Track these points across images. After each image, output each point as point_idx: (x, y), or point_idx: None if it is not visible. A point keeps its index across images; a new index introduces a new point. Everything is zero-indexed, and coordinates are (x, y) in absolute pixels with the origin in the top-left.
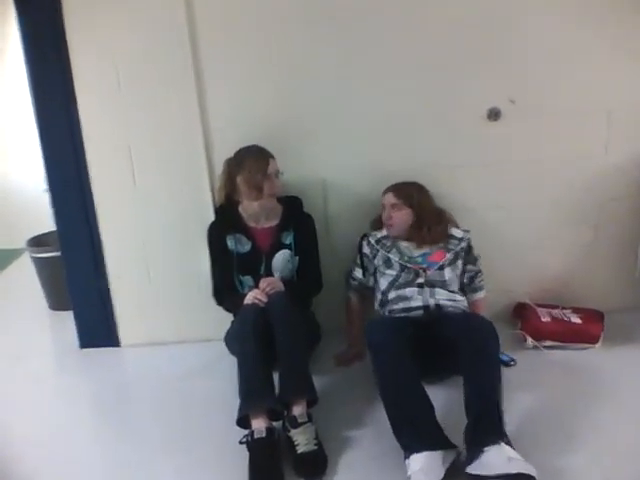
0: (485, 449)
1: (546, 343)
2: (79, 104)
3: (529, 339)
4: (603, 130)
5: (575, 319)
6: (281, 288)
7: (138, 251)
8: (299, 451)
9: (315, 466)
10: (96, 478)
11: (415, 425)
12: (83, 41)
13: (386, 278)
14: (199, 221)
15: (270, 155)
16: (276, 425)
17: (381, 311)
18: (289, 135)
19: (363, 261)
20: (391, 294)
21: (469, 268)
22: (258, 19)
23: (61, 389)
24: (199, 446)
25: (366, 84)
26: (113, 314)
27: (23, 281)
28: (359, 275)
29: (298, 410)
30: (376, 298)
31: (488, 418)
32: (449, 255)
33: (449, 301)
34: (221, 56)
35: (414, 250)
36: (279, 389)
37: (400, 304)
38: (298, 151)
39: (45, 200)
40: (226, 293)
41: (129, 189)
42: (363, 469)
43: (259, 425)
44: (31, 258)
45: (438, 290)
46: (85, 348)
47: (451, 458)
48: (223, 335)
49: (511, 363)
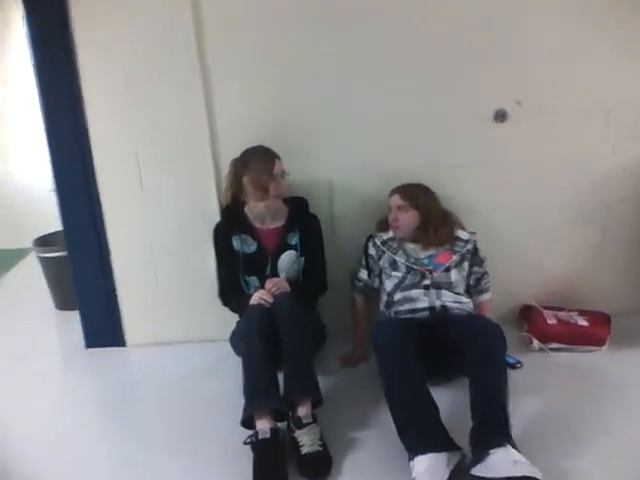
0: (491, 451)
1: (552, 345)
2: (86, 105)
3: (535, 341)
4: (611, 131)
5: (582, 322)
6: (287, 289)
7: (145, 251)
8: (303, 452)
9: (319, 467)
10: (102, 477)
11: (420, 427)
12: (90, 42)
13: (392, 280)
14: (205, 222)
15: (276, 155)
16: (281, 426)
17: (386, 312)
18: (295, 136)
19: (369, 262)
20: (397, 295)
21: (475, 270)
22: (264, 20)
23: (67, 389)
24: (204, 446)
25: (372, 84)
26: (119, 314)
27: (29, 281)
28: (364, 276)
29: (303, 411)
30: (381, 299)
31: (494, 420)
32: (455, 257)
33: (455, 303)
34: (227, 57)
35: (420, 252)
36: (284, 390)
37: (406, 305)
38: (304, 152)
39: (52, 200)
40: (232, 294)
41: (136, 189)
42: (368, 470)
43: (263, 426)
44: (38, 258)
45: (444, 292)
46: (91, 348)
47: (456, 460)
48: (229, 335)
49: (517, 365)
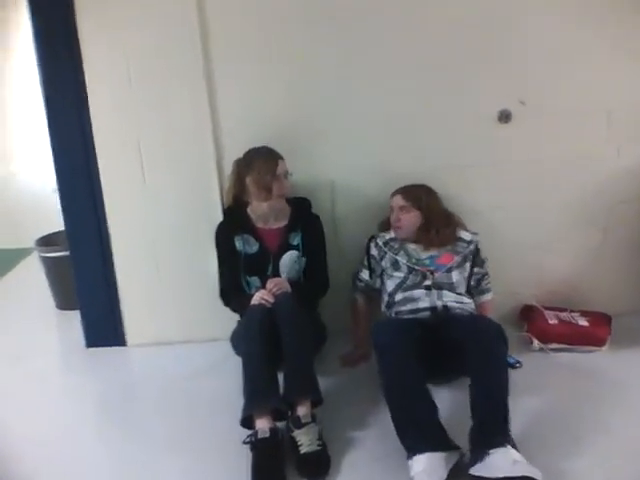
0: (490, 451)
1: (552, 346)
2: (90, 102)
3: (535, 341)
4: (613, 131)
5: (582, 322)
6: (288, 289)
7: (146, 251)
8: (302, 451)
9: (318, 466)
10: (102, 477)
11: (419, 427)
12: (95, 38)
13: (393, 280)
14: (207, 221)
15: (279, 156)
16: (280, 425)
17: (388, 312)
18: (298, 136)
19: (370, 263)
20: (398, 296)
21: (476, 270)
22: (265, 20)
23: (67, 388)
24: (204, 446)
25: (372, 84)
26: (120, 313)
27: (31, 280)
28: (366, 277)
29: (302, 410)
30: (383, 300)
31: (494, 420)
32: (457, 258)
33: (456, 303)
34: (232, 56)
35: (422, 252)
36: (284, 389)
37: (407, 305)
38: (307, 152)
39: (54, 200)
40: (233, 294)
41: (139, 188)
42: (366, 470)
43: (263, 425)
44: (39, 257)
45: (445, 292)
46: (91, 347)
47: (454, 459)
48: (229, 335)
49: (517, 365)
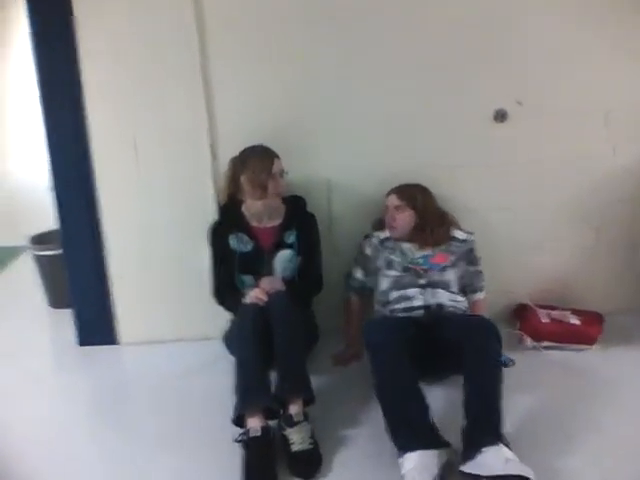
0: (483, 449)
1: (545, 344)
2: (86, 100)
3: (528, 339)
4: (611, 131)
5: (574, 320)
6: (281, 288)
7: (140, 250)
8: (294, 450)
9: (309, 465)
10: (94, 475)
11: (410, 425)
12: (92, 37)
13: (388, 279)
14: (202, 220)
15: (275, 155)
16: (272, 424)
17: (382, 311)
18: (294, 135)
19: (364, 262)
20: (392, 294)
21: (470, 269)
22: (264, 20)
23: (60, 387)
24: (196, 444)
25: (371, 84)
26: (113, 312)
27: (24, 278)
28: (360, 276)
29: (294, 409)
30: (377, 298)
31: (487, 419)
32: (451, 257)
33: (450, 302)
34: (228, 56)
35: (416, 252)
36: (276, 388)
37: (402, 304)
38: (303, 151)
39: (48, 198)
40: (227, 292)
41: (133, 187)
42: (358, 468)
43: (255, 424)
44: (33, 256)
45: (439, 291)
46: (84, 346)
47: (445, 457)
48: (222, 334)
49: (509, 363)
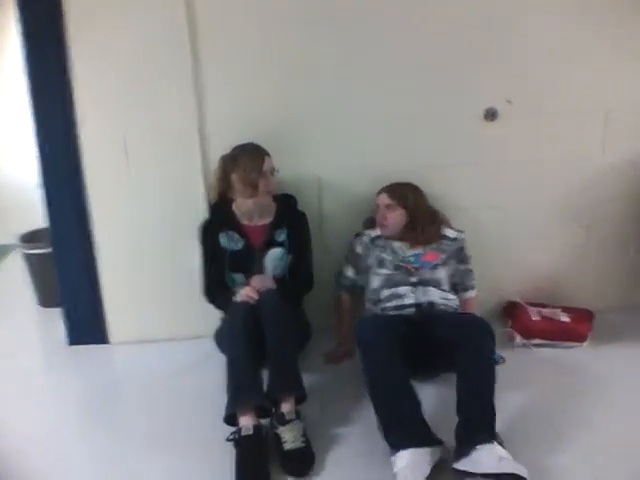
0: (477, 447)
1: (535, 341)
2: (76, 101)
3: (518, 337)
4: (601, 130)
5: (564, 318)
6: (272, 286)
7: (130, 248)
8: (286, 448)
9: (302, 463)
10: (85, 475)
11: (403, 423)
12: (83, 39)
13: (379, 277)
14: (192, 218)
15: (265, 152)
16: (264, 422)
17: (373, 309)
18: (285, 133)
19: (355, 260)
20: (384, 292)
21: (461, 267)
22: (257, 19)
23: (50, 386)
24: (187, 443)
25: (363, 84)
26: (103, 311)
27: (13, 277)
28: (350, 274)
29: (286, 407)
30: (368, 296)
31: (481, 417)
32: (442, 256)
33: (442, 300)
34: (220, 54)
35: (407, 250)
36: (268, 386)
37: (393, 302)
38: (294, 149)
39: (37, 196)
40: (218, 291)
41: (123, 185)
42: (350, 466)
43: (247, 422)
44: (22, 254)
45: (431, 289)
46: (74, 345)
47: (437, 455)
48: (213, 332)
49: (500, 361)
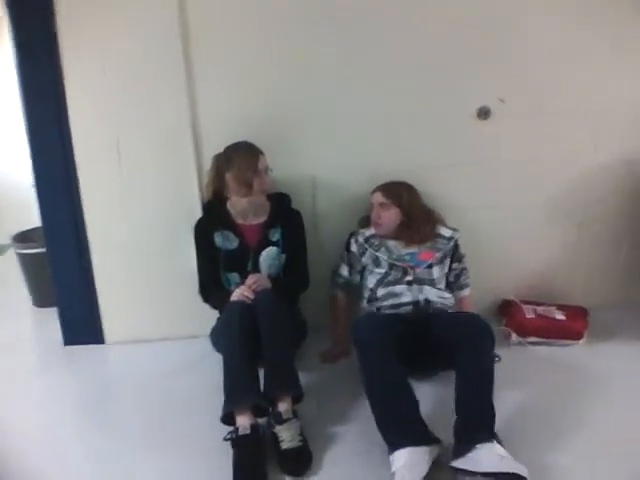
0: (477, 446)
1: (530, 339)
2: (69, 102)
3: (514, 335)
4: (594, 130)
5: (559, 316)
6: (267, 285)
7: (124, 248)
8: (283, 447)
9: (299, 462)
10: (80, 475)
11: (400, 422)
12: (75, 39)
13: (374, 276)
14: (186, 217)
15: (259, 151)
16: (261, 422)
17: (369, 308)
18: (278, 132)
19: (350, 259)
20: (380, 291)
21: (455, 266)
22: (252, 19)
23: (45, 387)
24: (184, 443)
25: (358, 83)
26: (98, 311)
27: (7, 277)
28: (345, 273)
29: (283, 406)
30: (363, 295)
31: (481, 416)
32: (437, 254)
33: (438, 298)
34: (213, 54)
35: (402, 249)
36: (264, 385)
37: (389, 300)
38: (287, 148)
39: (32, 196)
40: (213, 290)
41: (116, 185)
42: (347, 465)
43: (244, 422)
44: (16, 254)
45: (426, 288)
46: (69, 345)
47: (435, 453)
48: (209, 332)
49: (496, 359)
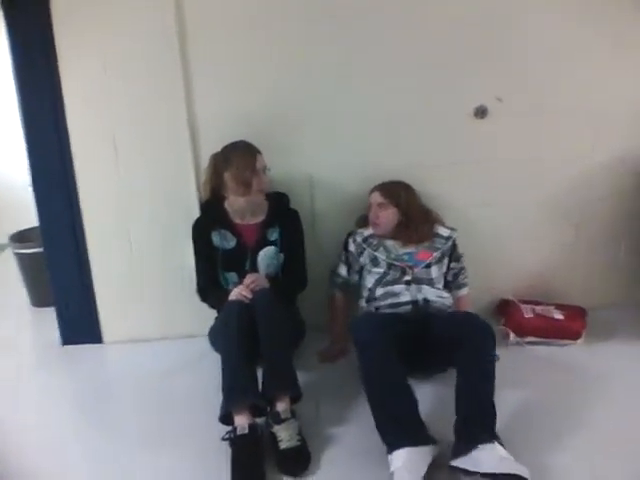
0: (478, 446)
1: (529, 339)
2: (65, 98)
3: (512, 335)
4: (592, 129)
5: (558, 315)
6: (265, 285)
7: (122, 247)
8: (282, 447)
9: (298, 462)
10: (78, 475)
11: (399, 422)
12: (70, 37)
13: (373, 275)
14: (184, 216)
15: (257, 151)
16: (259, 421)
17: (367, 307)
18: (276, 131)
19: (348, 259)
20: (378, 291)
21: (453, 265)
22: (249, 16)
23: (43, 386)
24: (183, 443)
25: (357, 82)
26: (96, 310)
27: (5, 277)
28: (344, 272)
29: (282, 406)
30: (362, 295)
31: (482, 417)
32: (436, 254)
33: (437, 297)
34: (210, 52)
35: (400, 249)
36: (263, 385)
37: (388, 300)
38: (285, 147)
39: (29, 195)
40: (211, 289)
41: (114, 183)
42: (346, 465)
43: (242, 422)
44: (14, 254)
45: (425, 287)
46: (67, 345)
47: (434, 454)
48: (207, 331)
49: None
